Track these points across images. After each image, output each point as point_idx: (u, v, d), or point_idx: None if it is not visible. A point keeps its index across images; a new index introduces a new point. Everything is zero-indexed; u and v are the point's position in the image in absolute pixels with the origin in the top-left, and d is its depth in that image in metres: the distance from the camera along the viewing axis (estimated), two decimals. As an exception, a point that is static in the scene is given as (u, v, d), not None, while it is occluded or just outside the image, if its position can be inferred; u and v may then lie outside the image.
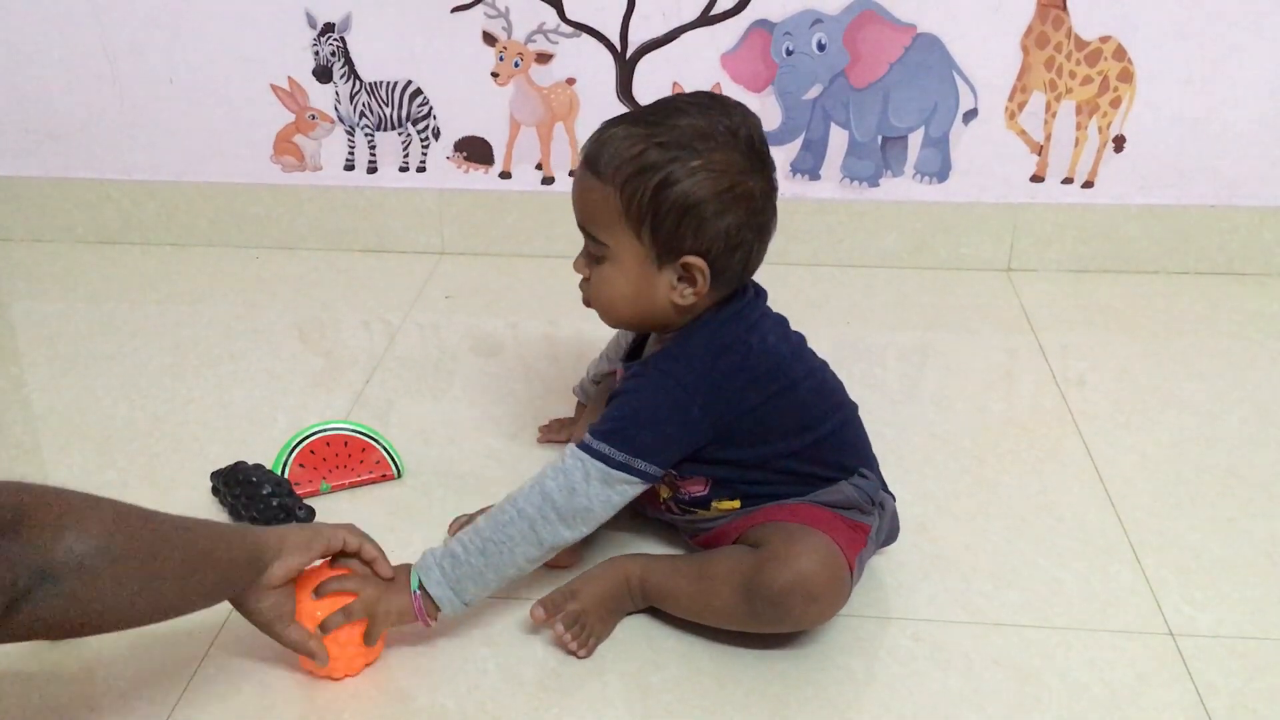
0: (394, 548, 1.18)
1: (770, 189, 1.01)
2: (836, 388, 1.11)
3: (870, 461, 1.12)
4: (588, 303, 1.07)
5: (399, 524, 1.22)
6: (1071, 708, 0.99)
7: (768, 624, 1.02)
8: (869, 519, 1.08)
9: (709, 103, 1.00)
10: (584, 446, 1.00)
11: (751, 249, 1.01)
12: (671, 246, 0.98)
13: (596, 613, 1.05)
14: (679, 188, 0.96)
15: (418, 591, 1.00)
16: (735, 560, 1.02)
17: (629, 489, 1.00)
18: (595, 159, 1.00)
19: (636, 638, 1.06)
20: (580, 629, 1.03)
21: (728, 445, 1.04)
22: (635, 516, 1.22)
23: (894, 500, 1.14)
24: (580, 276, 1.06)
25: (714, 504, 1.09)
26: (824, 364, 1.11)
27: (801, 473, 1.06)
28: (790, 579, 0.97)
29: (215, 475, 1.23)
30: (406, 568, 1.03)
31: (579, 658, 1.03)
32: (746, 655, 1.04)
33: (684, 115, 0.98)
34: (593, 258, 1.04)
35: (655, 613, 1.09)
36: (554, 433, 1.36)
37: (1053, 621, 1.08)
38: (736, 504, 1.07)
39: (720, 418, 1.01)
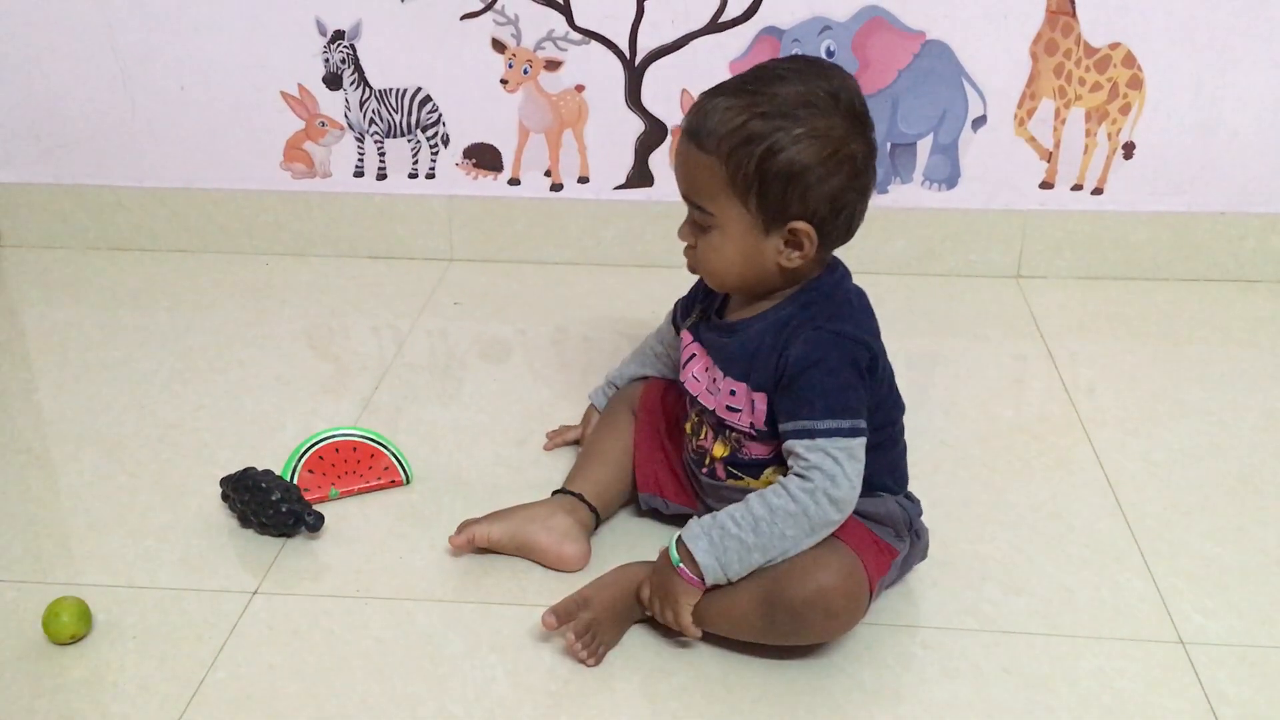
0: (402, 554, 1.18)
1: (871, 150, 1.02)
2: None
3: (906, 484, 1.13)
4: (693, 269, 1.08)
5: (408, 530, 1.22)
6: (1081, 716, 0.98)
7: (783, 635, 1.01)
8: (901, 544, 1.08)
9: (807, 68, 1.02)
10: (812, 434, 1.00)
11: (855, 210, 1.02)
12: (778, 213, 1.00)
13: (607, 620, 1.05)
14: (784, 156, 0.97)
15: (680, 564, 1.01)
16: (756, 571, 1.01)
17: (863, 450, 1.01)
18: (698, 131, 1.01)
19: (645, 645, 1.06)
20: (591, 637, 1.03)
21: None
22: (644, 517, 1.23)
23: (929, 533, 1.13)
24: (685, 244, 1.07)
25: (767, 472, 1.08)
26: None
27: (870, 471, 1.05)
28: (811, 593, 0.98)
29: (225, 481, 1.24)
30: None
31: (589, 666, 1.03)
32: (754, 663, 1.04)
33: (784, 82, 0.99)
34: (698, 226, 1.05)
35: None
36: (561, 438, 1.36)
37: (1062, 629, 1.08)
38: (780, 476, 1.06)
39: (872, 370, 1.03)
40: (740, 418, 1.07)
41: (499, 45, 1.75)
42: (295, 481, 1.25)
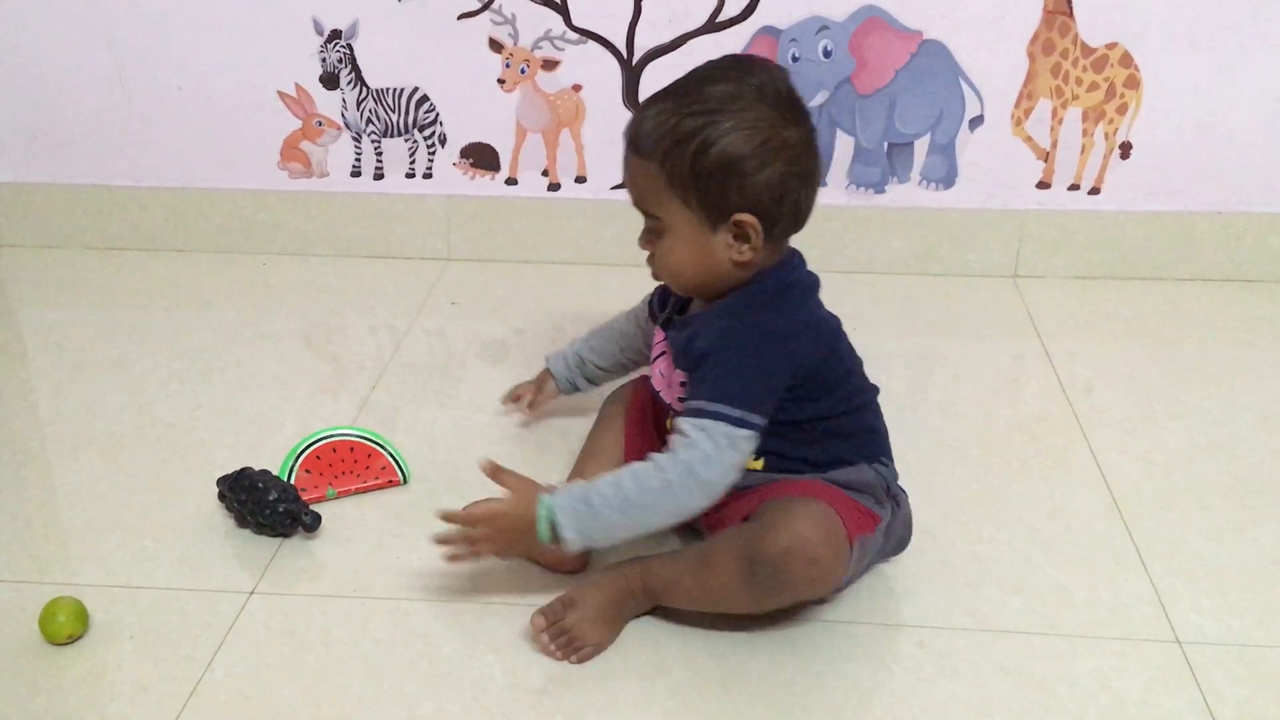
0: (400, 554, 1.18)
1: (808, 135, 1.04)
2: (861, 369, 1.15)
3: (889, 453, 1.14)
4: (655, 276, 1.11)
5: (405, 530, 1.22)
6: (1079, 716, 0.98)
7: (768, 593, 1.01)
8: (882, 510, 1.09)
9: (734, 65, 1.05)
10: (700, 413, 1.02)
11: (799, 196, 1.04)
12: (720, 207, 1.02)
13: (595, 621, 1.05)
14: (716, 149, 1.00)
15: (547, 538, 1.03)
16: (734, 536, 1.03)
17: (749, 446, 1.03)
18: (636, 139, 1.04)
19: (641, 643, 1.06)
20: (567, 640, 1.04)
21: (781, 404, 1.05)
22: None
23: (907, 498, 1.14)
24: (646, 254, 1.10)
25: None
26: (858, 357, 1.16)
27: (830, 442, 1.07)
28: (788, 542, 0.98)
29: (221, 481, 1.24)
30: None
31: (572, 663, 1.04)
32: (752, 662, 1.04)
33: (712, 82, 1.02)
34: (652, 233, 1.08)
35: (660, 618, 1.09)
36: (516, 401, 1.40)
37: (1060, 629, 1.08)
38: (760, 464, 1.08)
39: (798, 366, 1.05)
40: None
41: (496, 45, 1.75)
42: (292, 481, 1.25)
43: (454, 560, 1.07)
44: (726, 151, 1.00)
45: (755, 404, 1.02)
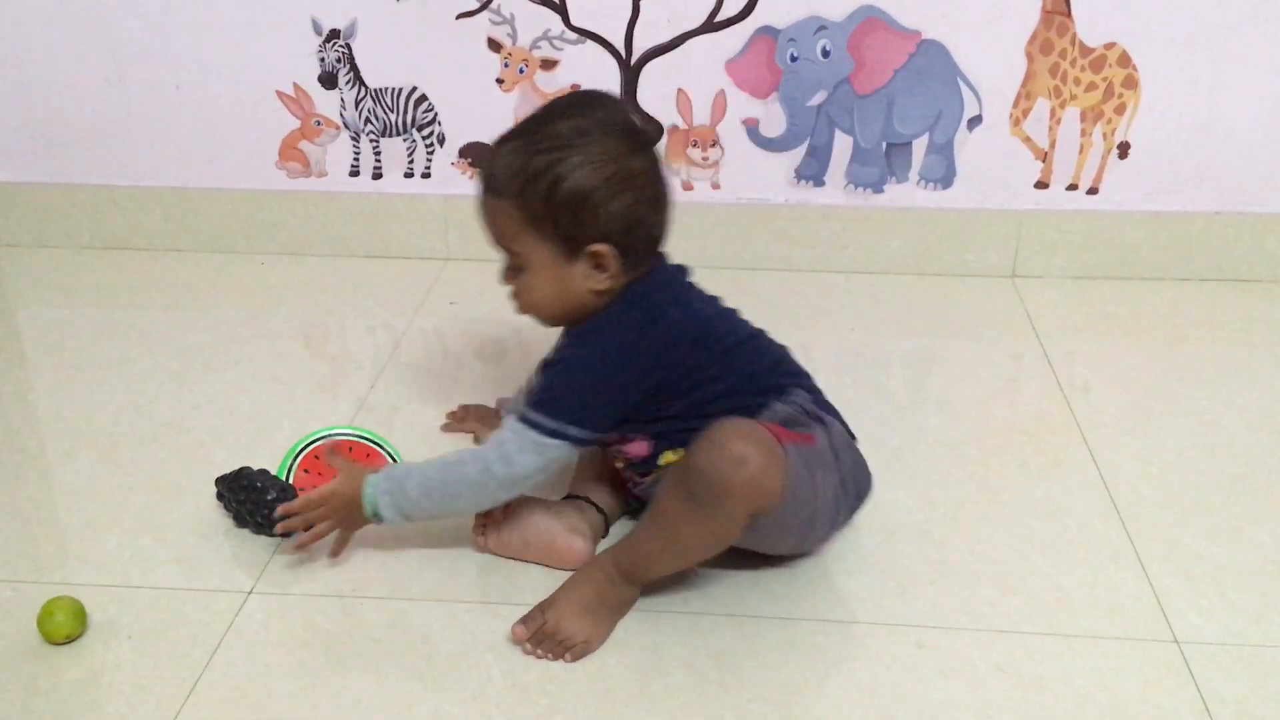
0: (398, 554, 1.18)
1: (653, 163, 1.08)
2: (769, 344, 1.17)
3: (803, 384, 1.15)
4: (520, 311, 1.14)
5: (401, 530, 1.22)
6: (1076, 715, 0.98)
7: (714, 510, 1.01)
8: (811, 429, 1.09)
9: (580, 101, 1.12)
10: (520, 417, 1.08)
11: (651, 223, 1.09)
12: (575, 239, 1.06)
13: (576, 616, 1.05)
14: (567, 184, 1.04)
15: (372, 515, 1.11)
16: (670, 476, 1.05)
17: (559, 454, 1.08)
18: (490, 180, 1.09)
19: (640, 644, 1.06)
20: (555, 643, 1.04)
21: (659, 403, 1.09)
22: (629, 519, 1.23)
23: (842, 425, 1.14)
24: (508, 290, 1.13)
25: (660, 460, 1.12)
26: (756, 330, 1.17)
27: (735, 404, 1.08)
28: (716, 452, 0.99)
29: (220, 481, 1.24)
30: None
31: (567, 661, 1.04)
32: (750, 663, 1.04)
33: (558, 119, 1.07)
34: (513, 270, 1.12)
35: (657, 618, 1.09)
36: (460, 421, 1.40)
37: (1058, 629, 1.08)
38: (680, 453, 1.08)
39: (647, 379, 1.07)
40: None
41: (495, 44, 1.75)
42: (290, 481, 1.25)
43: (298, 548, 1.15)
44: (578, 185, 1.04)
45: (578, 419, 1.06)
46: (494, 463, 1.07)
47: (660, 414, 1.09)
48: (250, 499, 1.19)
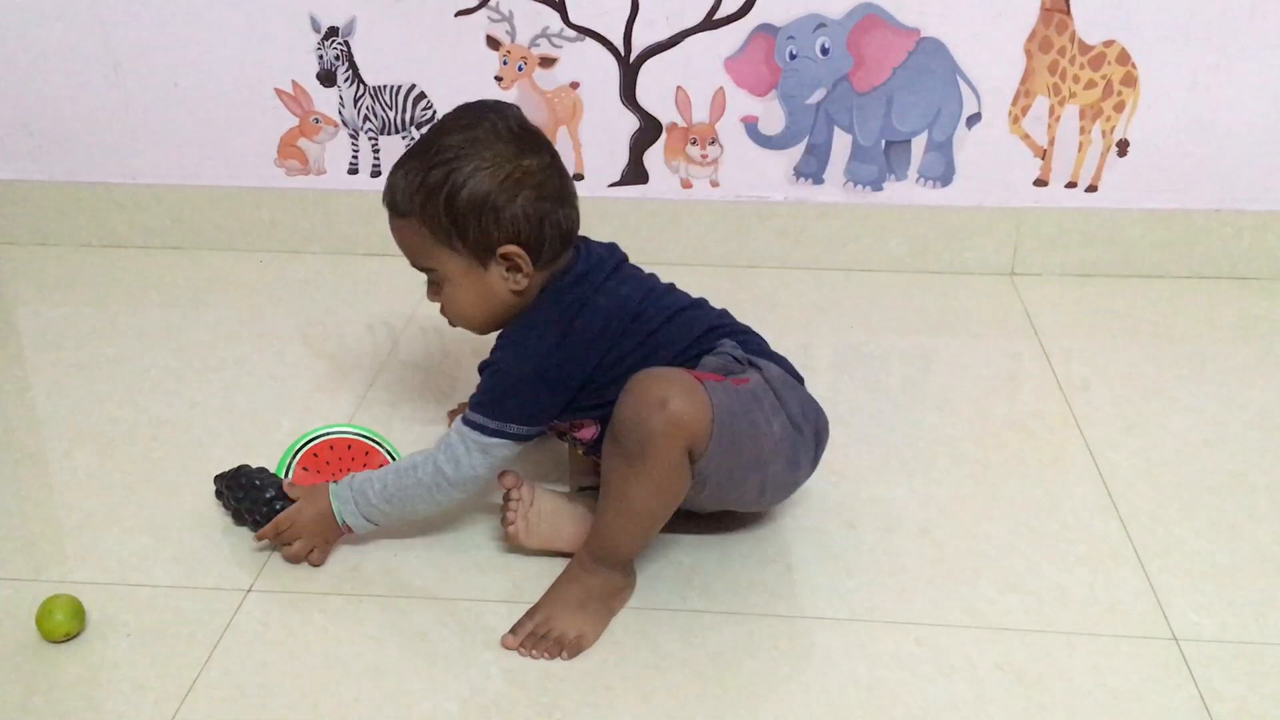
0: (396, 552, 1.18)
1: (548, 161, 1.11)
2: (704, 314, 1.18)
3: (736, 337, 1.16)
4: (452, 324, 1.17)
5: (400, 527, 1.22)
6: (1075, 713, 0.98)
7: (644, 454, 1.01)
8: (744, 373, 1.10)
9: (465, 113, 1.13)
10: (463, 419, 1.12)
11: (558, 217, 1.11)
12: (483, 245, 1.09)
13: (565, 612, 1.06)
14: (464, 193, 1.07)
15: (342, 523, 1.15)
16: (605, 443, 1.06)
17: (506, 452, 1.11)
18: (393, 202, 1.12)
19: (638, 642, 1.06)
20: (550, 643, 1.05)
21: (597, 390, 1.11)
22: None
23: (784, 369, 1.15)
24: (436, 306, 1.17)
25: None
26: (691, 301, 1.19)
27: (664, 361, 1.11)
28: (635, 400, 1.02)
29: (219, 479, 1.24)
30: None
31: (564, 659, 1.04)
32: (749, 660, 1.04)
33: (447, 134, 1.10)
34: (434, 285, 1.15)
35: (656, 616, 1.09)
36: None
37: (1056, 626, 1.08)
38: None
39: (580, 371, 1.10)
40: None
41: (493, 42, 1.74)
42: (290, 479, 1.25)
43: (289, 558, 1.16)
44: (475, 191, 1.07)
45: (516, 417, 1.10)
46: (444, 465, 1.11)
47: (600, 399, 1.10)
48: (249, 497, 1.19)
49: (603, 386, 1.10)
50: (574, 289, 1.12)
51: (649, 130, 1.79)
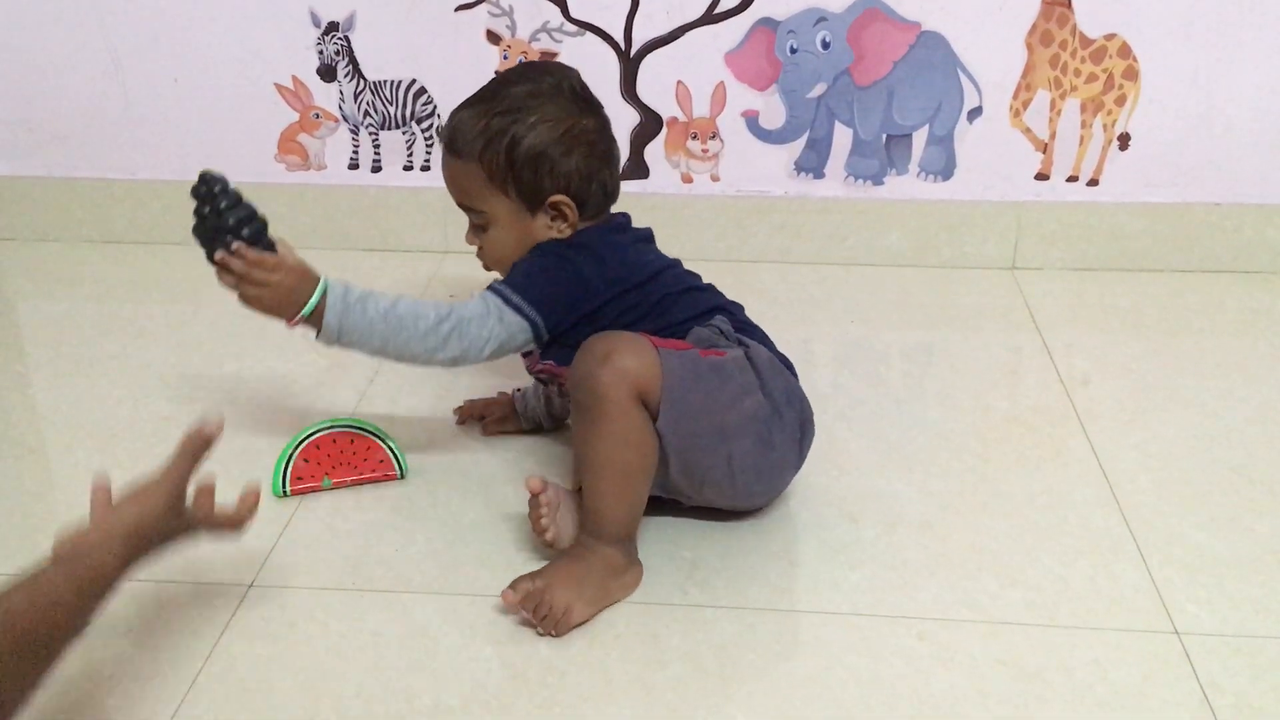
0: (397, 546, 1.18)
1: (603, 124, 1.18)
2: (711, 297, 1.23)
3: (727, 312, 1.20)
4: (487, 267, 1.22)
5: (402, 522, 1.22)
6: (1076, 707, 0.98)
7: (601, 411, 1.04)
8: (725, 346, 1.13)
9: (529, 69, 1.23)
10: (491, 287, 1.16)
11: (605, 175, 1.18)
12: (537, 193, 1.15)
13: (562, 588, 1.06)
14: (526, 142, 1.13)
15: (309, 311, 1.12)
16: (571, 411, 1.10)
17: (519, 333, 1.15)
18: (452, 142, 1.17)
19: (639, 636, 1.06)
20: (544, 607, 1.05)
21: (595, 329, 1.12)
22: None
23: (774, 352, 1.18)
24: (474, 249, 1.22)
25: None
26: (701, 285, 1.24)
27: (662, 327, 1.15)
28: (585, 356, 1.06)
29: (202, 182, 1.12)
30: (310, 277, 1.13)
31: (553, 635, 1.05)
32: (751, 654, 1.04)
33: (512, 85, 1.16)
34: (478, 228, 1.20)
35: (657, 610, 1.09)
36: (469, 414, 1.40)
37: (1058, 620, 1.08)
38: None
39: (600, 288, 1.15)
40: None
41: (494, 37, 1.74)
42: (290, 470, 1.25)
43: (223, 280, 1.14)
44: (535, 143, 1.13)
45: (535, 300, 1.14)
46: (464, 320, 1.13)
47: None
48: (212, 204, 1.11)
49: (600, 328, 1.12)
50: (608, 235, 1.19)
51: (649, 125, 1.79)
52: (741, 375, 1.11)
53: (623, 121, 1.78)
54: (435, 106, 1.80)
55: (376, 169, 1.86)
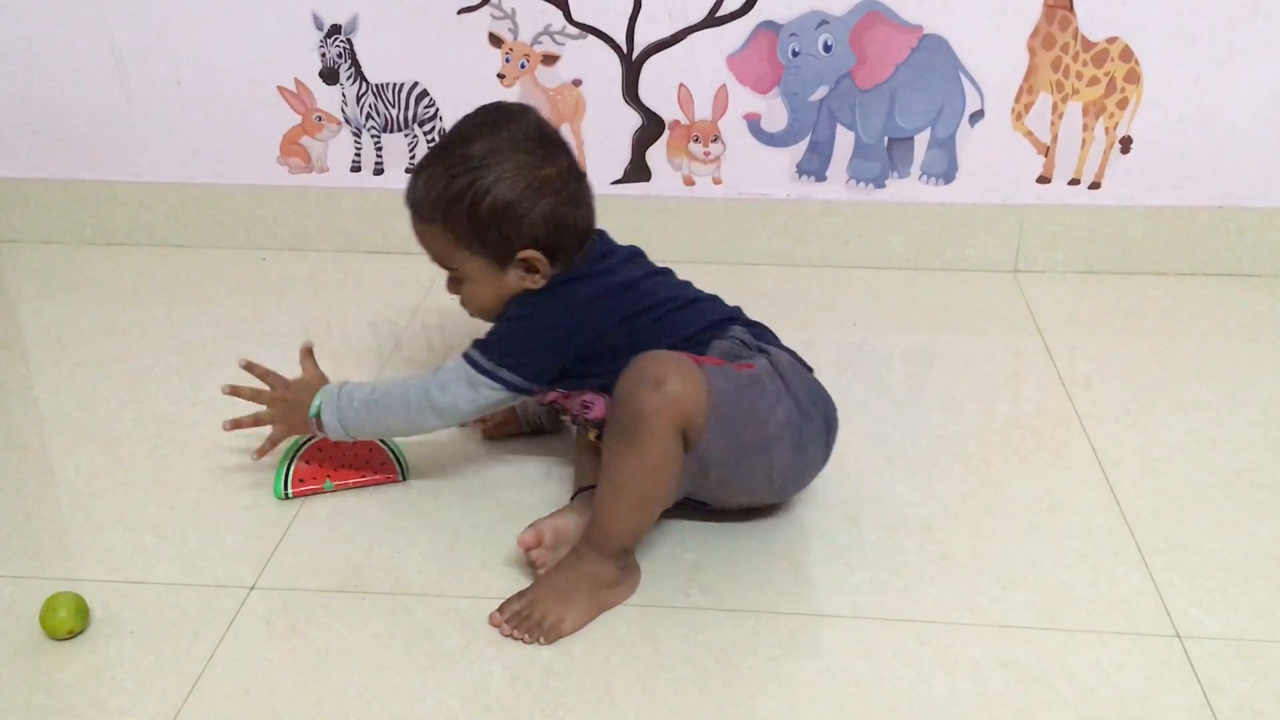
0: (399, 548, 1.19)
1: (565, 166, 1.15)
2: (715, 307, 1.22)
3: (748, 325, 1.20)
4: (472, 315, 1.22)
5: (404, 524, 1.22)
6: (1078, 710, 0.98)
7: (641, 436, 1.03)
8: (751, 360, 1.13)
9: (487, 118, 1.16)
10: (464, 353, 1.16)
11: (575, 219, 1.16)
12: (505, 250, 1.14)
13: (551, 601, 1.06)
14: (487, 202, 1.11)
15: (315, 417, 1.19)
16: (607, 424, 1.09)
17: (491, 394, 1.15)
18: (416, 206, 1.17)
19: (641, 639, 1.06)
20: (532, 625, 1.05)
21: (604, 362, 1.12)
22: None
23: (794, 357, 1.18)
24: (441, 303, 1.22)
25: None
26: (703, 296, 1.23)
27: (677, 342, 1.14)
28: (633, 378, 1.04)
29: None
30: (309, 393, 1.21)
31: (541, 644, 1.05)
32: (752, 658, 1.04)
33: (469, 142, 1.14)
34: (454, 281, 1.20)
35: (659, 613, 1.09)
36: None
37: (1059, 624, 1.08)
38: None
39: (582, 335, 1.14)
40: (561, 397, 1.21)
41: (496, 39, 1.74)
42: (291, 472, 1.26)
43: (233, 426, 1.23)
44: (497, 201, 1.11)
45: (509, 363, 1.14)
46: (432, 389, 1.15)
47: (604, 369, 1.12)
48: None
49: (607, 357, 1.12)
50: (586, 273, 1.16)
51: (651, 128, 1.79)
52: (772, 384, 1.11)
53: (624, 124, 1.78)
54: (437, 109, 1.80)
55: (379, 171, 1.87)
